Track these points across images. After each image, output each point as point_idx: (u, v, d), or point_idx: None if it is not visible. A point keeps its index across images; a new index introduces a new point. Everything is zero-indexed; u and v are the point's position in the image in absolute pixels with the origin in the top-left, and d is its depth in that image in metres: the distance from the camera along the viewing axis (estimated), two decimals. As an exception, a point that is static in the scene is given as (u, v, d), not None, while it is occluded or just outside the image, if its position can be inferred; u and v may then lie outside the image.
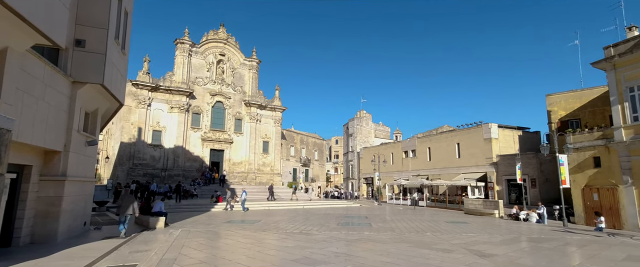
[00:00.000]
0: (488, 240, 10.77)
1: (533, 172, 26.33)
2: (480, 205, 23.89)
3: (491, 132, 29.32)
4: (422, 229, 13.65)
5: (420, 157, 37.33)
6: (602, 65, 19.34)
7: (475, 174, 29.98)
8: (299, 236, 11.29)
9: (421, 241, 10.23)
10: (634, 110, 17.98)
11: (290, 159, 49.36)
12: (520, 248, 9.41)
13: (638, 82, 17.78)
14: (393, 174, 40.64)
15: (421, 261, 7.35)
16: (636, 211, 17.44)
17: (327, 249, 8.80)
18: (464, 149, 31.89)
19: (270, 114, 40.35)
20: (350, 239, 10.82)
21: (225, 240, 10.48)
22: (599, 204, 19.19)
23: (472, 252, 8.24)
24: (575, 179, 20.18)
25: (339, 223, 15.65)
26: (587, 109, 25.07)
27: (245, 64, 39.53)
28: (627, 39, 18.58)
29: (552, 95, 27.09)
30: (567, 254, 8.72)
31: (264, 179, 38.09)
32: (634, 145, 17.49)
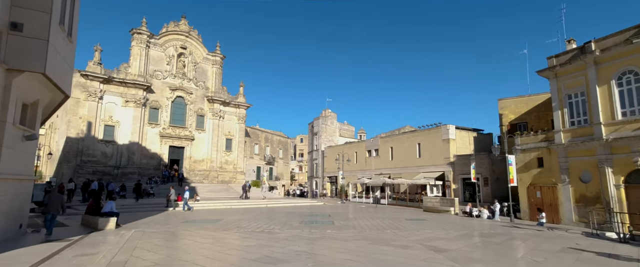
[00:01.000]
0: (444, 236, 11.29)
1: (485, 171, 28.06)
2: (438, 203, 25.04)
3: (449, 133, 30.81)
4: (383, 226, 14.01)
5: (383, 156, 38.34)
6: (546, 74, 21.03)
7: (434, 173, 31.35)
8: (261, 235, 11.10)
9: (381, 238, 10.48)
10: (571, 115, 19.75)
11: (254, 157, 48.55)
12: (472, 243, 9.96)
13: (575, 90, 19.55)
14: (357, 173, 41.38)
15: (380, 257, 7.52)
16: (571, 206, 19.18)
17: (289, 248, 8.73)
18: (424, 149, 33.23)
19: (234, 111, 39.34)
20: (313, 237, 10.83)
21: (183, 240, 10.05)
22: (541, 201, 20.88)
23: (428, 248, 8.58)
24: (521, 178, 21.76)
25: (302, 222, 15.62)
26: (533, 114, 27.14)
27: (208, 59, 38.15)
28: (567, 51, 20.37)
29: (503, 100, 29.02)
30: (513, 247, 9.37)
31: (226, 177, 37.10)
32: (571, 147, 19.22)
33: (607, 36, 18.10)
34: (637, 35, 16.58)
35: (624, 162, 16.80)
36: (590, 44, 18.61)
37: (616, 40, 17.60)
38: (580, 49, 19.32)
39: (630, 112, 17.13)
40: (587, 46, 18.82)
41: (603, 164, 17.66)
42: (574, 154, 19.28)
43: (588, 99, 18.75)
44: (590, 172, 18.47)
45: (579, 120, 19.33)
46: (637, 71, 16.91)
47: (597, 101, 18.21)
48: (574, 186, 19.22)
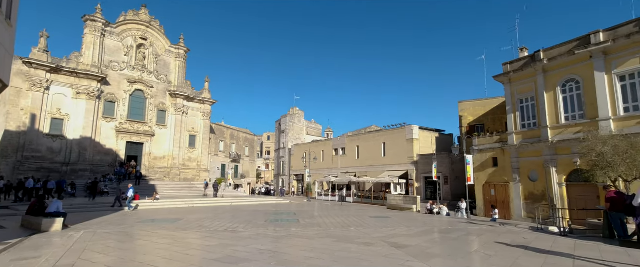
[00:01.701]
0: (405, 233, 11.64)
1: (446, 170, 29.38)
2: (401, 201, 25.83)
3: (413, 133, 31.88)
4: (348, 224, 14.19)
5: (349, 155, 38.86)
6: (501, 79, 22.38)
7: (398, 171, 32.31)
8: (223, 234, 10.79)
9: (345, 236, 10.60)
10: (523, 119, 21.19)
11: (219, 154, 47.24)
12: (431, 239, 10.36)
13: (526, 95, 21.00)
14: (323, 171, 41.61)
15: (343, 254, 7.59)
16: (521, 203, 20.61)
17: (252, 246, 8.56)
18: (389, 149, 34.12)
19: (198, 107, 37.94)
20: (277, 235, 10.71)
21: (139, 241, 9.51)
22: (495, 198, 22.23)
23: (390, 245, 8.80)
24: (478, 176, 23.03)
25: (267, 220, 15.42)
26: (489, 116, 28.82)
27: (171, 52, 36.44)
28: (520, 58, 21.82)
29: (463, 102, 30.51)
30: (468, 242, 9.87)
31: (189, 175, 35.75)
32: (522, 148, 20.63)
33: (554, 46, 19.61)
34: (579, 47, 18.12)
35: (566, 162, 18.31)
36: (540, 53, 20.06)
37: (561, 51, 19.10)
38: (531, 57, 20.76)
39: (572, 116, 18.70)
40: (536, 55, 20.26)
41: (548, 164, 19.13)
42: (524, 154, 20.71)
43: (537, 104, 20.21)
44: (537, 171, 19.93)
45: (529, 124, 20.79)
46: (578, 80, 18.47)
47: (544, 106, 19.67)
48: (523, 184, 20.66)
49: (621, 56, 16.77)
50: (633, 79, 16.42)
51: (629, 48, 16.47)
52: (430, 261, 6.87)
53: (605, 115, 16.96)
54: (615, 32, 17.06)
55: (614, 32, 17.13)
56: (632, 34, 16.17)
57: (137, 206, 19.89)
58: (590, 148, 14.39)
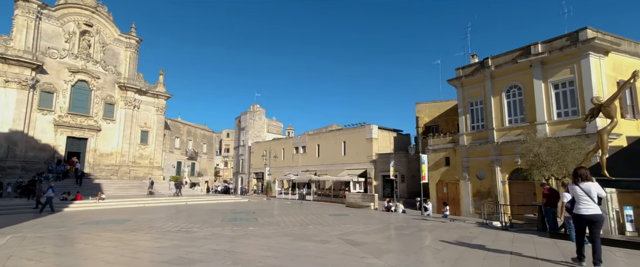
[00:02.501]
0: (362, 230, 11.90)
1: (403, 169, 30.55)
2: (360, 198, 26.41)
3: (373, 133, 32.74)
4: (306, 222, 14.21)
5: (310, 153, 38.98)
6: (454, 83, 23.72)
7: (357, 170, 33.02)
8: (176, 235, 10.28)
9: (303, 234, 10.59)
10: (472, 121, 22.63)
11: (175, 151, 45.08)
12: (386, 235, 10.69)
13: (476, 99, 22.45)
14: (283, 169, 41.35)
15: (299, 252, 7.57)
16: (470, 200, 22.03)
17: (207, 247, 8.24)
18: (349, 148, 34.74)
19: (151, 101, 35.82)
20: (234, 235, 10.43)
21: (79, 245, 8.75)
22: (447, 195, 23.54)
23: (347, 242, 8.94)
24: (432, 175, 24.22)
25: (224, 219, 14.98)
26: (443, 118, 30.43)
27: (121, 41, 33.96)
28: (471, 64, 23.27)
29: (420, 104, 31.91)
30: (421, 237, 10.34)
31: (140, 173, 33.67)
32: (472, 148, 22.04)
33: (501, 54, 21.16)
34: (521, 56, 19.72)
35: (509, 162, 19.87)
36: (488, 60, 21.54)
37: (506, 59, 20.67)
38: (481, 63, 22.23)
39: (514, 120, 20.32)
40: (485, 62, 21.73)
41: (494, 164, 20.63)
42: (473, 154, 22.15)
43: (485, 107, 21.69)
44: (484, 170, 21.42)
45: (478, 126, 22.26)
46: (520, 86, 20.11)
47: (491, 109, 21.17)
48: (472, 182, 22.09)
49: (556, 66, 18.53)
50: (565, 87, 18.22)
51: (561, 59, 18.24)
52: (384, 256, 7.07)
53: (542, 119, 18.65)
54: (550, 45, 18.81)
55: (549, 44, 18.87)
56: (564, 47, 17.93)
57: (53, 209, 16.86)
58: (528, 149, 15.75)
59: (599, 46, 17.18)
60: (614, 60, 17.95)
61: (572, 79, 17.79)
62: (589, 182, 5.85)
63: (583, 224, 5.82)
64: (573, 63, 17.76)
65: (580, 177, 5.93)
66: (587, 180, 5.87)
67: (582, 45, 17.16)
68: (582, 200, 5.78)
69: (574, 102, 17.72)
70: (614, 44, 17.66)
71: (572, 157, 13.90)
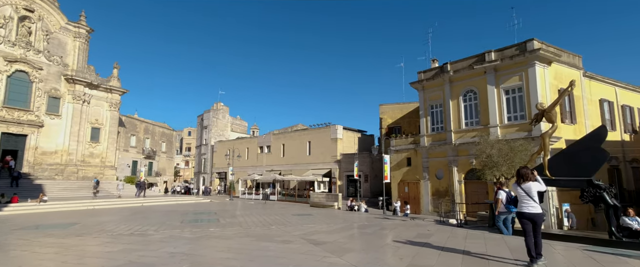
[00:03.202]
0: (325, 229, 11.97)
1: (367, 169, 31.19)
2: (324, 198, 26.58)
3: (337, 133, 33.10)
4: (269, 222, 14.03)
5: (274, 153, 38.61)
6: (416, 86, 24.63)
7: (322, 170, 33.21)
8: (129, 238, 9.67)
9: (265, 235, 10.44)
10: (433, 123, 23.64)
11: (130, 150, 42.59)
12: (348, 234, 10.84)
13: (436, 102, 23.48)
14: (247, 169, 40.61)
15: (261, 253, 7.45)
16: (429, 199, 22.98)
17: (163, 250, 7.84)
18: (314, 147, 34.85)
19: (104, 96, 33.50)
20: (193, 237, 10.03)
21: (14, 252, 7.94)
22: (408, 195, 24.38)
23: (309, 242, 8.94)
24: (394, 175, 24.96)
25: (183, 221, 14.37)
26: (406, 119, 31.49)
27: (68, 30, 31.36)
28: (431, 69, 24.32)
29: (384, 105, 32.78)
30: (382, 236, 10.60)
31: (90, 173, 31.37)
32: (432, 149, 23.01)
33: (459, 60, 22.32)
34: (477, 63, 20.94)
35: (465, 162, 21.00)
36: (447, 65, 22.62)
37: (464, 65, 21.84)
38: (441, 68, 23.29)
39: (470, 123, 21.51)
40: (444, 67, 22.80)
41: (451, 164, 21.70)
42: (433, 155, 23.14)
43: (444, 110, 22.75)
44: (443, 170, 22.46)
45: (438, 127, 23.29)
46: (475, 91, 21.33)
47: (449, 112, 22.25)
48: (431, 181, 23.06)
49: (506, 74, 19.89)
50: (514, 93, 19.61)
51: (511, 67, 19.62)
52: (345, 255, 7.15)
53: (494, 122, 19.92)
54: (502, 53, 20.16)
55: (501, 53, 20.22)
56: (514, 56, 19.31)
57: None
58: (482, 150, 16.76)
59: (544, 56, 18.70)
60: (556, 69, 19.63)
61: (521, 86, 19.19)
62: (530, 182, 6.18)
63: (525, 221, 6.13)
64: (521, 71, 19.17)
65: (521, 177, 6.26)
66: (528, 180, 6.20)
67: (529, 55, 18.58)
68: (524, 200, 6.13)
69: (522, 107, 19.12)
70: (556, 55, 19.31)
71: (520, 158, 15.00)
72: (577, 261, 6.74)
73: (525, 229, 6.06)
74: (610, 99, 22.68)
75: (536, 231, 5.97)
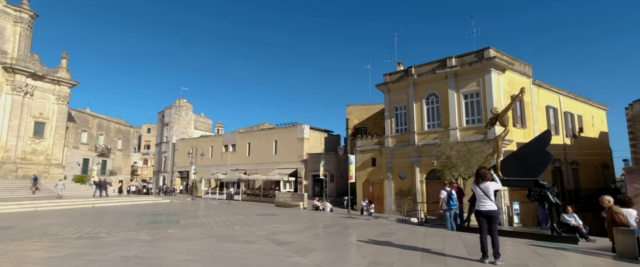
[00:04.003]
0: (290, 229, 11.89)
1: (332, 169, 31.44)
2: (289, 198, 26.43)
3: (304, 132, 33.06)
4: (233, 222, 13.69)
5: (240, 152, 37.80)
6: (382, 88, 25.23)
7: (288, 169, 33.00)
8: (76, 242, 8.96)
9: (228, 235, 10.17)
10: (397, 124, 24.33)
11: (81, 147, 39.70)
12: (312, 234, 10.84)
13: (400, 104, 24.20)
14: (211, 168, 39.41)
15: (223, 254, 7.23)
16: (392, 198, 23.62)
17: (116, 254, 7.35)
18: (280, 147, 34.54)
19: (51, 88, 30.85)
20: (151, 239, 9.52)
21: (-63, 259, 7.04)
22: (372, 194, 24.88)
23: (273, 241, 8.82)
24: (359, 175, 25.38)
25: (139, 222, 13.61)
26: (372, 120, 32.14)
27: (7, 13, 28.46)
28: (397, 71, 25.04)
29: (350, 106, 33.24)
30: (346, 235, 10.72)
31: (33, 171, 28.80)
32: (396, 150, 23.68)
33: (423, 64, 23.16)
34: (439, 67, 21.87)
35: (426, 163, 21.84)
36: (412, 68, 23.40)
37: (427, 69, 22.71)
38: (405, 71, 24.04)
39: (432, 125, 22.40)
40: (409, 70, 23.57)
41: (414, 165, 22.46)
42: (397, 156, 23.81)
43: (408, 112, 23.51)
44: (406, 170, 23.19)
45: (402, 129, 24.01)
46: (437, 94, 22.26)
47: (413, 114, 23.03)
48: (395, 181, 23.72)
49: (466, 79, 20.97)
50: (472, 98, 20.73)
51: (470, 73, 20.73)
52: (309, 254, 7.14)
53: (454, 125, 20.91)
54: (462, 59, 21.24)
55: (461, 59, 21.29)
56: (472, 63, 20.42)
57: None
58: (442, 152, 17.52)
59: (498, 64, 19.95)
60: (510, 77, 21.03)
61: (478, 91, 20.33)
62: (488, 181, 6.53)
63: (482, 219, 6.45)
64: (479, 77, 20.31)
65: (480, 177, 6.60)
66: (486, 180, 6.54)
67: (486, 62, 19.74)
68: (481, 198, 6.46)
69: (479, 111, 20.25)
70: (509, 64, 20.68)
71: (476, 159, 15.86)
72: (524, 256, 7.23)
73: (481, 226, 6.38)
74: (555, 106, 24.70)
75: (492, 229, 6.28)
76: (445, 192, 12.47)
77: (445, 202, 12.24)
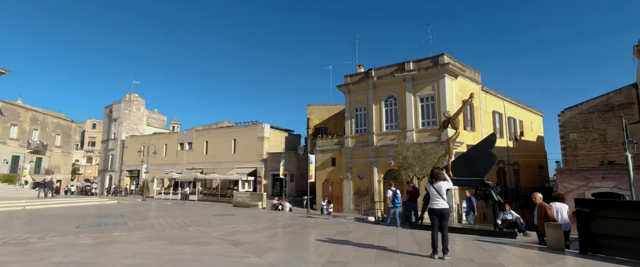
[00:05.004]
0: (247, 229, 11.61)
1: (293, 168, 31.29)
2: (248, 198, 25.86)
3: (264, 131, 32.56)
4: (186, 224, 13.08)
5: (196, 150, 36.33)
6: (342, 89, 25.60)
7: (247, 169, 32.29)
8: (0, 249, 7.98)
9: (180, 237, 9.67)
10: (357, 125, 24.81)
11: (10, 142, 35.78)
12: (270, 234, 10.68)
13: (360, 105, 24.71)
14: (165, 167, 37.44)
15: (173, 257, 6.84)
16: (351, 198, 24.04)
17: (49, 260, 6.65)
18: (239, 146, 33.71)
19: (-24, 75, 27.37)
20: (92, 243, 8.75)
21: None
22: (332, 194, 25.13)
23: (229, 242, 8.54)
24: (319, 175, 25.50)
25: (80, 225, 12.49)
26: (332, 120, 32.47)
27: None
28: (357, 73, 25.55)
29: (311, 106, 33.32)
30: (303, 234, 10.69)
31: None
32: (355, 150, 24.12)
33: (382, 67, 23.86)
34: (397, 71, 22.67)
35: (384, 163, 22.51)
36: (371, 71, 24.01)
37: (386, 72, 23.43)
38: (366, 73, 24.60)
39: (390, 126, 23.15)
40: (369, 72, 24.16)
41: (372, 165, 23.05)
42: (356, 156, 24.27)
43: (368, 113, 24.07)
44: (364, 170, 23.71)
45: (361, 130, 24.52)
46: (396, 97, 23.05)
47: (372, 116, 23.63)
48: (354, 181, 24.16)
49: (422, 83, 21.95)
50: (428, 101, 21.75)
51: (426, 78, 21.74)
52: (265, 255, 7.00)
53: (410, 127, 21.79)
54: (419, 64, 22.21)
55: (418, 63, 22.26)
56: (428, 68, 21.44)
57: None
58: (398, 152, 18.16)
59: (452, 70, 21.15)
60: (462, 83, 22.37)
61: (433, 95, 21.37)
62: (441, 181, 6.86)
63: (434, 217, 6.77)
64: (434, 82, 21.36)
65: (434, 177, 6.93)
66: (439, 179, 6.88)
67: (441, 68, 20.83)
68: (434, 197, 6.79)
69: (434, 114, 21.30)
70: (461, 70, 22.00)
71: (430, 160, 16.66)
72: (470, 250, 7.70)
73: (433, 224, 6.69)
74: (500, 111, 26.74)
75: (443, 226, 6.62)
76: (391, 192, 13.50)
77: (390, 200, 13.26)
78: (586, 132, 22.20)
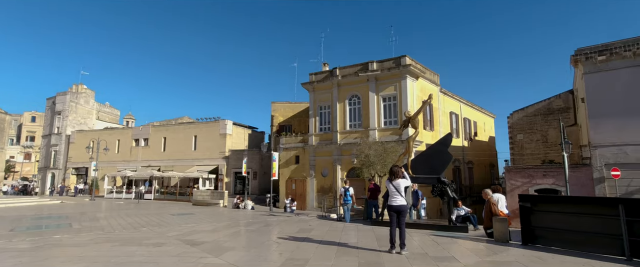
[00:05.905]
0: (207, 229, 11.22)
1: (256, 166, 30.75)
2: (208, 196, 25.03)
3: (227, 128, 31.67)
4: (140, 224, 12.36)
5: (153, 146, 34.52)
6: (307, 87, 25.59)
7: (208, 166, 31.22)
8: None
9: (132, 238, 9.11)
10: (321, 123, 24.93)
11: None
12: (230, 233, 10.40)
13: (325, 104, 24.85)
14: (117, 164, 35.19)
15: (124, 259, 6.42)
16: (314, 195, 24.13)
17: (-26, 269, 5.94)
18: (200, 142, 32.52)
19: None
20: (29, 247, 7.98)
21: None
22: (295, 192, 25.06)
23: (185, 242, 8.19)
24: (283, 172, 25.30)
25: (15, 228, 11.37)
26: (297, 118, 32.33)
27: None
28: (322, 72, 25.67)
29: (275, 103, 32.94)
30: (265, 233, 10.53)
31: None
32: (319, 148, 24.23)
33: (347, 66, 24.15)
34: (361, 71, 23.08)
35: (347, 161, 22.84)
36: (336, 70, 24.23)
37: (351, 71, 23.77)
38: (330, 72, 24.78)
39: (354, 125, 23.52)
40: (334, 71, 24.36)
41: (336, 163, 23.29)
42: (320, 154, 24.39)
43: (332, 112, 24.26)
44: (328, 168, 23.90)
45: (325, 128, 24.66)
46: (359, 96, 23.46)
47: (336, 114, 23.86)
48: (317, 179, 24.26)
49: (385, 83, 22.53)
50: (390, 101, 22.38)
51: (389, 78, 22.34)
52: (224, 254, 6.79)
53: (373, 126, 22.29)
54: (382, 64, 22.77)
55: (382, 64, 22.82)
56: (391, 68, 22.06)
57: None
58: (361, 151, 18.51)
59: (413, 72, 21.92)
60: (422, 84, 23.28)
61: (395, 95, 22.03)
62: (399, 179, 7.07)
63: (393, 213, 6.97)
64: (396, 82, 22.01)
65: (393, 175, 7.12)
66: (398, 177, 7.08)
67: (403, 69, 21.51)
68: (393, 194, 6.99)
69: (396, 113, 21.95)
70: (422, 72, 22.89)
71: (391, 158, 17.15)
72: (426, 244, 8.04)
73: (392, 220, 6.88)
74: (456, 112, 28.21)
75: (400, 222, 6.84)
76: (342, 189, 14.36)
77: (343, 197, 14.04)
78: (531, 133, 24.10)
